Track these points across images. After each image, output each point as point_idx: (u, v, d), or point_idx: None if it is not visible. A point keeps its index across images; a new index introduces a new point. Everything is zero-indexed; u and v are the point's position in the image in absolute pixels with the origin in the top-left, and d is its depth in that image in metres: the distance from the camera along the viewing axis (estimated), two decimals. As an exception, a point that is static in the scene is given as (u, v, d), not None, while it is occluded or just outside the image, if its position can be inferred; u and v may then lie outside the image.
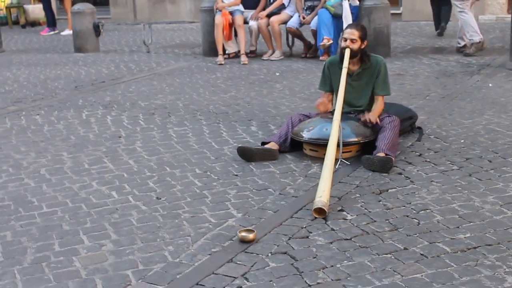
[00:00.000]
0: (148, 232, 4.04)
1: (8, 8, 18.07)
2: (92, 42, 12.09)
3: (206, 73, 9.49)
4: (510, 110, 6.61)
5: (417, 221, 4.06)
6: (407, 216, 4.14)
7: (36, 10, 17.73)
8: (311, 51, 10.52)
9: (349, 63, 5.54)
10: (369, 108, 5.57)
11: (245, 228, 3.96)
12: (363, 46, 5.55)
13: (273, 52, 10.55)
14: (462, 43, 10.02)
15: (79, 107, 7.54)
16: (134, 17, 17.32)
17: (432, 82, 8.17)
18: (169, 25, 16.27)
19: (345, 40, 5.53)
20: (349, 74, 5.59)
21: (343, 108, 5.43)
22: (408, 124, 5.97)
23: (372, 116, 5.37)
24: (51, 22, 15.72)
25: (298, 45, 11.03)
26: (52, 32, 15.51)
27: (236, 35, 10.68)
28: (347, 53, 5.48)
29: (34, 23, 17.54)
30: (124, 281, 3.47)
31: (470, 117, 6.43)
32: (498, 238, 3.77)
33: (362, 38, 5.53)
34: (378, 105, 5.52)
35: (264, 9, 10.60)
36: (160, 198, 4.60)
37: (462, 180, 4.73)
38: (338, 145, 5.03)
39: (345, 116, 5.44)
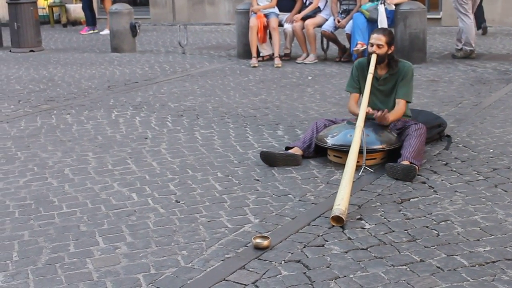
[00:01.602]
0: (164, 236, 4.03)
1: (50, 7, 18.32)
2: (128, 42, 12.18)
3: (239, 76, 9.47)
4: (543, 120, 6.46)
5: (437, 232, 3.98)
6: (427, 227, 4.06)
7: (77, 9, 17.93)
8: (346, 55, 10.43)
9: (376, 68, 5.48)
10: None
11: (260, 235, 3.93)
12: (390, 51, 5.47)
13: (307, 55, 10.50)
14: (460, 46, 10.20)
15: (110, 107, 7.58)
16: (173, 18, 17.41)
17: (466, 89, 8.02)
18: (206, 27, 16.32)
19: (372, 45, 5.46)
20: (376, 79, 5.52)
21: (368, 113, 5.38)
22: (437, 132, 5.86)
23: (387, 114, 5.26)
24: (91, 21, 15.89)
25: (333, 49, 10.94)
26: (91, 31, 15.68)
27: (270, 37, 10.65)
28: (373, 58, 5.41)
29: (75, 22, 17.74)
30: (134, 284, 3.46)
31: (501, 126, 6.29)
32: (519, 253, 3.67)
33: (389, 43, 5.45)
34: (398, 109, 5.44)
35: (299, 12, 10.55)
36: (179, 201, 4.59)
37: (487, 191, 4.63)
38: (361, 152, 4.98)
39: (370, 122, 5.38)
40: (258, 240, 3.83)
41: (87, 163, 5.52)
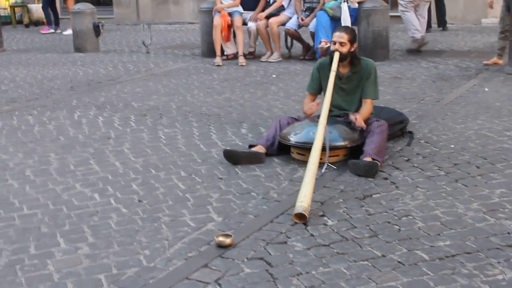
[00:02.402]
0: (126, 236, 4.00)
1: (12, 7, 18.10)
2: (92, 42, 12.10)
3: (203, 75, 9.46)
4: (503, 115, 6.55)
5: (398, 227, 4.01)
6: (388, 222, 4.09)
7: (39, 10, 17.70)
8: (310, 53, 10.48)
9: (339, 66, 5.50)
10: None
11: (223, 233, 3.92)
12: (352, 49, 5.50)
13: (272, 53, 10.52)
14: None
15: (72, 108, 7.52)
16: (137, 18, 17.31)
17: (428, 86, 8.11)
18: (171, 26, 16.28)
19: (334, 43, 5.48)
20: (339, 77, 5.55)
21: (332, 111, 5.42)
22: (399, 129, 5.92)
23: (359, 116, 5.31)
24: (51, 20, 15.73)
25: (297, 47, 10.98)
26: (52, 31, 15.52)
27: (234, 36, 10.65)
28: (336, 56, 5.44)
29: (37, 23, 17.57)
30: (96, 285, 3.43)
31: (462, 122, 6.37)
32: (478, 246, 3.72)
33: (351, 41, 5.48)
34: (366, 108, 5.48)
35: (263, 10, 10.57)
36: (142, 201, 4.57)
37: (448, 186, 4.68)
38: (324, 149, 5.00)
39: (333, 119, 5.42)
40: (220, 238, 3.82)
41: (49, 164, 5.47)
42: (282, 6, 10.51)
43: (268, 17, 10.44)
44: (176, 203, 4.52)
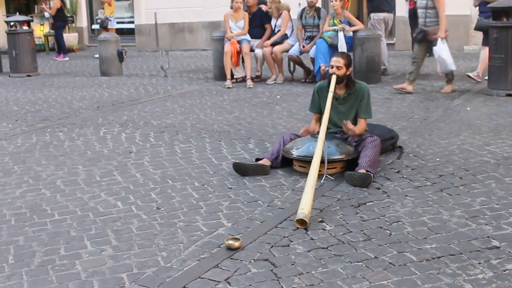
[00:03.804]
0: (146, 239, 4.01)
1: (46, 36, 18.24)
2: (116, 67, 12.18)
3: (215, 96, 9.49)
4: (483, 132, 6.54)
5: (389, 232, 4.01)
6: (381, 227, 4.08)
7: (70, 38, 17.88)
8: (310, 77, 10.50)
9: (335, 88, 5.52)
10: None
11: (232, 237, 3.92)
12: (348, 73, 5.52)
13: (276, 77, 10.54)
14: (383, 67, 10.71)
15: (98, 125, 7.55)
16: (156, 45, 17.41)
17: (416, 106, 8.11)
18: (186, 52, 16.35)
19: (332, 67, 5.50)
20: (336, 98, 5.56)
21: (329, 128, 5.43)
22: (390, 144, 5.91)
23: (352, 127, 5.34)
24: (64, 49, 15.93)
25: (299, 71, 11.01)
26: (67, 58, 15.67)
27: (243, 61, 10.68)
28: (333, 79, 5.46)
29: (68, 50, 17.67)
30: (119, 283, 3.44)
31: (447, 137, 6.37)
32: (461, 249, 3.71)
33: (347, 65, 5.50)
34: (360, 126, 5.50)
35: (269, 38, 10.61)
36: (160, 208, 4.57)
37: (434, 195, 4.67)
38: (323, 162, 5.00)
39: (331, 135, 5.42)
40: (230, 242, 3.83)
41: (77, 175, 5.49)
42: (286, 34, 10.55)
43: (273, 44, 10.49)
44: (190, 210, 4.53)
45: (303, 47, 10.23)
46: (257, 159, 5.53)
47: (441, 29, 8.61)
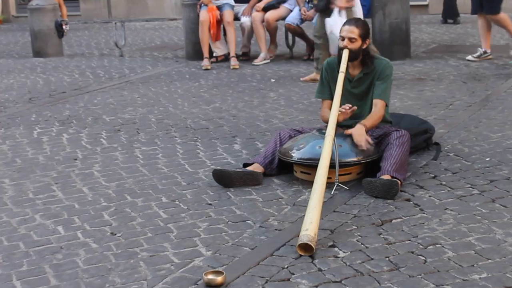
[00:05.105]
0: (96, 276, 4.00)
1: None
2: (54, 45, 12.18)
3: (188, 81, 9.51)
4: (549, 121, 6.59)
5: (424, 258, 4.02)
6: (412, 252, 4.09)
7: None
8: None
9: (348, 67, 5.53)
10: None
11: (213, 270, 3.92)
12: (364, 46, 5.53)
13: (267, 55, 10.53)
14: None
15: (31, 124, 7.55)
16: (108, 14, 17.42)
17: (458, 88, 8.14)
18: (148, 23, 16.36)
19: (343, 39, 5.51)
20: (348, 80, 5.58)
21: (341, 121, 5.43)
22: (423, 140, 5.94)
23: (362, 136, 5.30)
24: None
25: (300, 45, 11.04)
26: None
27: (225, 34, 10.69)
28: (344, 54, 5.47)
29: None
30: (60, 336, 3.43)
31: (500, 130, 6.40)
32: (520, 279, 3.73)
33: (363, 36, 5.51)
34: (376, 112, 5.51)
35: (259, 1, 10.60)
36: (115, 234, 4.57)
37: (483, 207, 4.69)
38: (333, 166, 5.01)
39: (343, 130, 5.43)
40: (210, 277, 3.83)
41: (3, 192, 5.48)
42: (282, -4, 10.57)
43: (265, 9, 10.48)
44: (156, 235, 4.52)
45: (305, 12, 10.23)
46: (246, 165, 5.53)
47: None
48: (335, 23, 8.20)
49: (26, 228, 4.73)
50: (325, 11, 8.53)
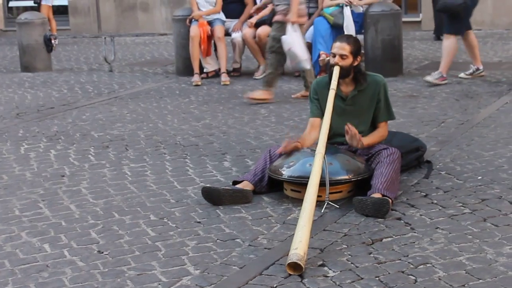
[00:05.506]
0: (82, 295, 4.01)
1: None
2: (42, 60, 12.18)
3: (178, 97, 9.52)
4: (541, 140, 6.61)
5: (414, 278, 4.02)
6: (402, 272, 4.10)
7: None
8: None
9: (340, 84, 5.55)
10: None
11: (203, 290, 3.93)
12: (356, 63, 5.55)
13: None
14: None
15: (18, 139, 7.55)
16: (98, 29, 17.43)
17: (450, 106, 8.18)
18: (139, 38, 16.39)
19: (334, 56, 5.53)
20: (342, 98, 5.59)
21: (332, 138, 5.46)
22: (415, 158, 5.95)
23: (359, 135, 5.36)
24: None
25: (292, 61, 11.05)
26: None
27: (216, 49, 10.71)
28: (335, 71, 5.49)
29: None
30: None
31: (492, 148, 6.42)
32: (512, 299, 3.74)
33: (355, 53, 5.53)
34: (380, 132, 5.61)
35: (250, 18, 10.63)
36: (102, 252, 4.57)
37: (475, 226, 4.70)
38: (324, 184, 5.02)
39: (334, 148, 5.45)
40: (198, 296, 3.83)
41: (-11, 208, 5.49)
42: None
43: (256, 25, 10.50)
44: (144, 253, 4.52)
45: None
46: (235, 182, 5.54)
47: (292, 10, 8.34)
48: (292, 40, 8.32)
49: (11, 246, 4.73)
50: (270, 24, 8.86)
